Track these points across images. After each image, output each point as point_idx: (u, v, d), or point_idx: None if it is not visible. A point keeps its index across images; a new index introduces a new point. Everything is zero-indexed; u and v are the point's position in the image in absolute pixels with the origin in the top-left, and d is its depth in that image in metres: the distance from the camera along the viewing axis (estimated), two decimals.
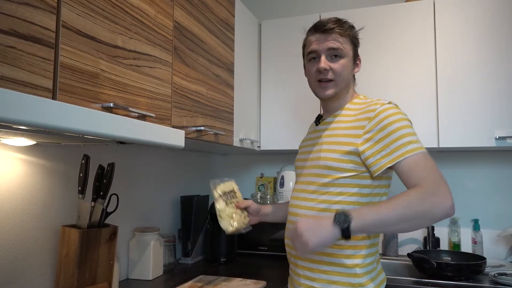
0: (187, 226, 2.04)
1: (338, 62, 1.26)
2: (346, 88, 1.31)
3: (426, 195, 1.03)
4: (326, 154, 1.23)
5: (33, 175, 1.30)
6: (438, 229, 2.20)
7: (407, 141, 1.12)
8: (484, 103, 1.89)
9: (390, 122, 1.15)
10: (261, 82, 2.30)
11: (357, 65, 1.34)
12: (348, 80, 1.30)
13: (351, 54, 1.29)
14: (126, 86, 1.15)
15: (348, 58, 1.28)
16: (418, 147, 1.12)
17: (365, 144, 1.17)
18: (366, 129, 1.18)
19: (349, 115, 1.26)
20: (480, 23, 1.92)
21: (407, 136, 1.13)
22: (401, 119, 1.16)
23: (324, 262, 1.19)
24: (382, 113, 1.17)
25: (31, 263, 1.28)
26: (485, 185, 2.17)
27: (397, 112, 1.18)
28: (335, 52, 1.26)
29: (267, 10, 2.67)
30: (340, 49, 1.26)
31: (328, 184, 1.21)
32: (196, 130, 1.55)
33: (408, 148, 1.11)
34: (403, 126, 1.15)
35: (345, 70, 1.27)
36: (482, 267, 1.72)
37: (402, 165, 1.11)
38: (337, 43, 1.26)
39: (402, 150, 1.11)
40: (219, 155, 2.70)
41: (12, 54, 0.80)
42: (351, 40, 1.29)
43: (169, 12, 1.38)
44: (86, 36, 1.01)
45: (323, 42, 1.26)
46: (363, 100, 1.29)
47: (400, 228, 1.06)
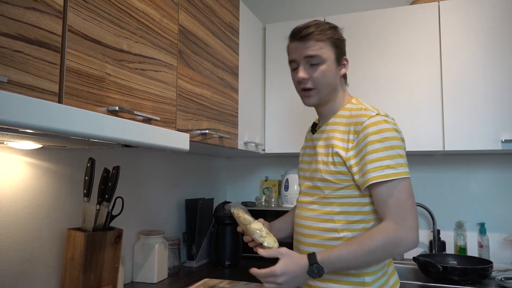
0: (191, 229, 2.04)
1: (317, 70, 1.22)
2: (333, 93, 1.27)
3: (390, 236, 1.09)
4: (322, 166, 1.22)
5: (39, 178, 1.30)
6: (444, 233, 2.18)
7: (379, 166, 1.11)
8: (489, 105, 1.88)
9: (371, 141, 1.13)
10: (265, 85, 2.30)
11: (343, 66, 1.27)
12: (333, 85, 1.25)
13: (333, 57, 1.23)
14: (132, 90, 1.16)
15: (329, 63, 1.22)
16: (388, 173, 1.10)
17: (351, 160, 1.16)
18: (353, 144, 1.17)
19: (340, 124, 1.24)
20: (485, 26, 1.92)
21: (382, 159, 1.11)
22: (385, 138, 1.13)
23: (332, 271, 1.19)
24: (367, 129, 1.14)
25: (37, 266, 1.29)
26: (491, 189, 2.16)
27: (382, 129, 1.14)
28: (313, 60, 1.21)
29: (272, 14, 2.67)
30: (317, 56, 1.21)
31: (329, 196, 1.21)
32: (201, 133, 1.55)
33: (379, 173, 1.10)
34: (383, 148, 1.12)
35: (326, 76, 1.22)
36: (488, 271, 1.71)
37: (372, 190, 1.14)
38: (314, 50, 1.21)
39: (373, 174, 1.11)
40: (224, 158, 2.70)
41: (19, 58, 0.81)
42: (332, 42, 1.23)
43: (174, 16, 1.39)
44: (92, 40, 1.01)
45: (300, 50, 1.23)
46: (355, 106, 1.25)
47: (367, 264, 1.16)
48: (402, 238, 1.09)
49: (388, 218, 1.11)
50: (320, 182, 1.22)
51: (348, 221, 1.18)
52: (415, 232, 1.10)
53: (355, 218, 1.18)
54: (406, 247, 1.10)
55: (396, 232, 1.09)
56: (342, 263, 1.12)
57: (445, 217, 2.21)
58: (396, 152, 1.13)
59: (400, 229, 1.09)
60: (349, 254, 1.11)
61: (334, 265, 1.11)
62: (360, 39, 2.12)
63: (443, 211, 2.22)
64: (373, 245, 1.09)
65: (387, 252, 1.11)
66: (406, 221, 1.09)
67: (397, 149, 1.13)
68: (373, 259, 1.13)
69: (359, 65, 2.10)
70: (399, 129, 1.19)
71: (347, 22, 2.15)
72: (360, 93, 1.92)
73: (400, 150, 1.14)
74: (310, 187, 1.27)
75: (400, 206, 1.10)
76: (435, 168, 2.26)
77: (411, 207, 1.11)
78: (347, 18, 2.16)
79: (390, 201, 1.11)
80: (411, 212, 1.11)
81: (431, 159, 2.27)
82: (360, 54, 2.11)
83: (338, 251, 1.12)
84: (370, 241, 1.10)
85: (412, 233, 1.09)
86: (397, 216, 1.10)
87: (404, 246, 1.10)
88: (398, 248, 1.10)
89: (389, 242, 1.09)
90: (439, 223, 2.20)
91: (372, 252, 1.10)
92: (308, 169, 1.30)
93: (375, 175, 1.11)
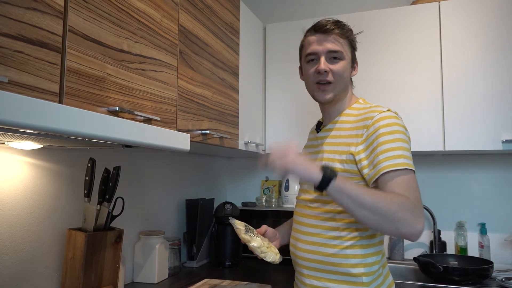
0: (192, 229, 2.04)
1: (337, 64, 1.23)
2: (344, 92, 1.28)
3: (406, 207, 1.02)
4: (327, 163, 1.20)
5: (39, 179, 1.31)
6: (445, 233, 2.18)
7: (392, 155, 1.09)
8: (490, 106, 1.87)
9: (382, 133, 1.13)
10: (266, 85, 2.31)
11: (354, 68, 1.31)
12: (346, 83, 1.28)
13: (350, 56, 1.27)
14: (132, 90, 1.16)
15: (347, 61, 1.25)
16: (401, 162, 1.09)
17: (361, 154, 1.15)
18: (363, 138, 1.16)
19: (348, 122, 1.24)
20: (486, 26, 1.92)
21: (394, 149, 1.10)
22: (396, 131, 1.13)
23: (330, 271, 1.18)
24: (377, 123, 1.15)
25: (38, 266, 1.29)
26: (492, 189, 2.16)
27: (392, 123, 1.15)
28: (335, 54, 1.23)
29: (272, 14, 2.67)
30: (340, 51, 1.24)
31: None
32: (201, 133, 1.55)
33: (392, 162, 1.09)
34: (393, 139, 1.12)
35: (345, 73, 1.25)
36: (489, 271, 1.71)
37: (384, 179, 1.09)
38: (338, 45, 1.24)
39: (385, 163, 1.09)
40: (224, 159, 2.70)
41: (20, 58, 0.81)
42: (350, 43, 1.28)
43: (175, 16, 1.39)
44: (93, 41, 1.01)
45: (323, 43, 1.24)
46: (362, 105, 1.27)
47: (366, 217, 1.04)
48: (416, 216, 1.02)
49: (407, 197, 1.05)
50: None
51: (350, 220, 1.17)
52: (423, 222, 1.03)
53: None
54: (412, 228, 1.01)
55: (413, 206, 1.03)
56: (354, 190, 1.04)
57: (446, 217, 2.21)
58: (405, 146, 1.13)
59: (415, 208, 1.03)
60: (368, 188, 1.09)
61: (346, 184, 1.04)
62: (360, 39, 2.09)
63: (443, 211, 2.22)
64: (395, 197, 1.03)
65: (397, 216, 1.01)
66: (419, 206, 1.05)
67: (406, 143, 1.14)
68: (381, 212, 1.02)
69: (360, 66, 2.06)
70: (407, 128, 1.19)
71: (347, 22, 2.14)
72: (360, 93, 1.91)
73: (408, 145, 1.15)
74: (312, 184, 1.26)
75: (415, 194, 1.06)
76: (436, 168, 2.26)
77: (419, 198, 1.08)
78: (347, 18, 2.13)
79: (405, 189, 1.06)
80: (421, 203, 1.07)
81: (432, 159, 2.27)
82: (361, 54, 2.08)
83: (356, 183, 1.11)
84: (392, 194, 1.05)
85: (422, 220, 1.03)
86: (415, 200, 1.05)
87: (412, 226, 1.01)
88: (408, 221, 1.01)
89: (406, 208, 1.02)
90: (439, 223, 2.19)
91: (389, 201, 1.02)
92: None
93: (388, 164, 1.09)
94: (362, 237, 1.17)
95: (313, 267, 1.21)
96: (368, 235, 1.18)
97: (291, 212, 1.69)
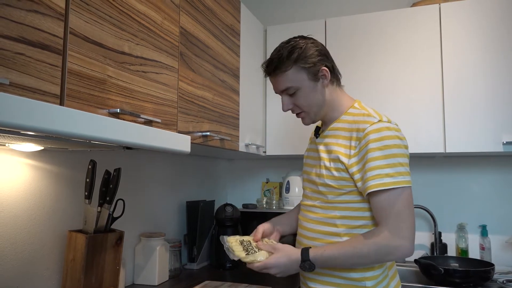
0: (192, 231, 2.04)
1: (296, 96, 1.26)
2: (324, 107, 1.27)
3: (381, 249, 1.11)
4: (325, 172, 1.22)
5: (40, 180, 1.31)
6: (446, 235, 2.18)
7: (379, 174, 1.10)
8: (491, 107, 1.87)
9: (372, 149, 1.13)
10: (266, 87, 2.31)
11: (323, 77, 1.24)
12: (318, 102, 1.26)
13: (305, 77, 1.23)
14: (133, 92, 1.16)
15: (304, 86, 1.23)
16: (387, 182, 1.10)
17: (354, 167, 1.16)
18: (356, 151, 1.17)
19: (343, 129, 1.23)
20: (486, 28, 1.92)
21: (382, 168, 1.11)
22: (385, 146, 1.12)
23: (333, 275, 1.19)
24: (369, 136, 1.14)
25: (38, 268, 1.29)
26: (492, 191, 2.16)
27: (383, 136, 1.13)
28: (288, 91, 1.26)
29: (273, 16, 2.68)
30: (289, 87, 1.24)
31: (331, 201, 1.21)
32: (202, 135, 1.55)
33: (378, 181, 1.10)
34: (383, 156, 1.11)
35: (308, 98, 1.25)
36: (490, 273, 1.70)
37: (371, 198, 1.14)
38: (284, 82, 1.24)
39: (372, 182, 1.11)
40: (225, 160, 2.70)
41: (21, 60, 0.81)
42: (298, 65, 1.22)
43: (176, 18, 1.39)
44: (94, 43, 1.02)
45: (275, 86, 1.29)
46: (357, 111, 1.24)
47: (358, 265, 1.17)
48: (396, 246, 1.10)
49: (383, 226, 1.11)
50: (323, 187, 1.22)
51: (350, 226, 1.18)
52: (409, 242, 1.10)
53: (357, 223, 1.18)
54: (398, 256, 1.12)
55: (389, 241, 1.10)
56: (333, 262, 1.16)
57: (447, 219, 2.21)
58: (397, 160, 1.12)
59: (394, 238, 1.10)
60: (340, 255, 1.14)
61: (325, 263, 1.16)
62: (361, 41, 2.12)
63: (444, 213, 2.21)
64: (365, 250, 1.12)
65: (379, 257, 1.13)
66: (401, 230, 1.10)
67: (398, 157, 1.12)
68: (365, 263, 1.15)
69: (360, 67, 2.10)
70: (403, 135, 1.17)
71: (347, 24, 2.15)
72: (361, 95, 1.92)
73: (402, 158, 1.13)
74: (313, 191, 1.28)
75: (397, 215, 1.10)
76: (437, 170, 2.26)
77: (408, 216, 1.11)
78: (347, 20, 2.16)
79: (387, 210, 1.11)
80: (407, 221, 1.11)
81: (433, 161, 2.27)
82: (361, 56, 2.11)
83: (331, 250, 1.15)
84: (362, 246, 1.12)
85: (406, 243, 1.10)
86: (393, 224, 1.10)
87: (396, 255, 1.11)
88: (390, 255, 1.12)
89: (382, 249, 1.11)
90: (440, 225, 2.19)
91: (363, 257, 1.12)
92: (311, 173, 1.30)
93: (374, 183, 1.11)
94: None
95: (316, 272, 1.21)
96: None
97: None
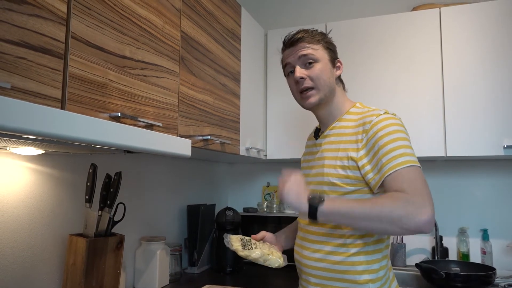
0: (193, 235, 2.03)
1: (313, 68, 1.25)
2: (331, 94, 1.27)
3: (401, 201, 1.01)
4: (329, 170, 1.20)
5: (41, 184, 1.31)
6: (447, 239, 2.17)
7: (393, 156, 1.09)
8: (491, 111, 1.87)
9: (381, 136, 1.13)
10: (267, 91, 2.31)
11: (338, 68, 1.30)
12: (331, 84, 1.26)
13: (327, 57, 1.27)
14: (134, 96, 1.16)
15: (323, 62, 1.25)
16: (402, 161, 1.08)
17: (363, 159, 1.15)
18: (363, 143, 1.16)
19: (348, 127, 1.23)
20: (487, 32, 1.92)
21: (395, 149, 1.10)
22: (394, 131, 1.13)
23: (337, 279, 1.17)
24: (376, 126, 1.15)
25: (39, 272, 1.29)
26: (494, 195, 2.15)
27: (390, 123, 1.14)
28: (308, 59, 1.25)
29: (273, 20, 2.69)
30: (311, 55, 1.25)
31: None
32: (203, 139, 1.55)
33: (394, 162, 1.08)
34: (393, 140, 1.11)
35: (324, 74, 1.24)
36: (491, 278, 1.70)
37: (387, 180, 1.09)
38: (307, 49, 1.25)
39: (388, 165, 1.09)
40: (226, 164, 2.70)
41: (23, 65, 0.82)
42: (323, 44, 1.28)
43: (176, 22, 1.40)
44: (95, 47, 1.02)
45: (294, 53, 1.27)
46: (360, 110, 1.26)
47: (366, 226, 1.06)
48: (421, 206, 0.99)
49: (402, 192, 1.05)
50: (327, 186, 1.21)
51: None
52: (432, 209, 0.99)
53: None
54: (421, 219, 0.98)
55: (409, 196, 1.01)
56: (344, 207, 1.06)
57: (448, 223, 2.20)
58: (406, 143, 1.13)
59: (414, 197, 1.01)
60: (357, 200, 1.09)
61: (335, 204, 1.07)
62: (361, 45, 2.12)
63: (445, 217, 2.21)
64: (387, 203, 1.02)
65: (395, 214, 1.00)
66: (422, 195, 1.02)
67: (406, 141, 1.13)
68: (381, 221, 1.01)
69: (361, 71, 2.11)
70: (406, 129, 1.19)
71: (348, 29, 2.16)
72: (361, 99, 1.92)
73: (408, 142, 1.14)
74: (315, 191, 1.26)
75: (417, 189, 1.04)
76: (437, 174, 2.26)
77: (427, 192, 1.04)
78: (348, 24, 2.17)
79: (405, 183, 1.05)
80: (428, 196, 1.03)
81: (433, 165, 2.26)
82: (362, 60, 2.12)
83: (346, 199, 1.13)
84: (385, 200, 1.04)
85: (427, 207, 0.99)
86: (414, 190, 1.03)
87: (414, 216, 0.98)
88: (407, 216, 0.99)
89: (400, 201, 1.01)
90: (441, 229, 2.19)
91: (384, 212, 1.01)
92: (310, 174, 1.29)
93: (391, 166, 1.08)
94: (367, 243, 1.17)
95: (319, 275, 1.20)
96: (373, 241, 1.17)
97: (292, 218, 1.69)
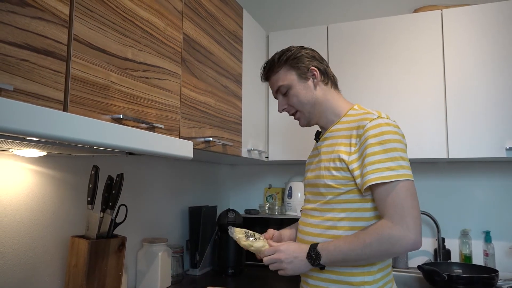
0: (195, 237, 2.04)
1: (288, 95, 1.33)
2: (316, 106, 1.31)
3: (385, 237, 1.08)
4: (325, 172, 1.23)
5: (43, 186, 1.31)
6: (449, 241, 2.17)
7: (378, 168, 1.11)
8: (494, 113, 1.87)
9: (370, 144, 1.13)
10: (269, 93, 2.31)
11: (313, 76, 1.31)
12: (310, 100, 1.31)
13: (295, 77, 1.31)
14: (136, 98, 1.16)
15: (293, 84, 1.31)
16: (388, 175, 1.10)
17: (354, 163, 1.16)
18: (357, 147, 1.17)
19: (343, 129, 1.25)
20: (489, 33, 1.92)
21: (380, 162, 1.11)
22: (384, 141, 1.13)
23: (334, 280, 1.18)
24: (367, 132, 1.15)
25: (41, 273, 1.29)
26: (496, 196, 2.15)
27: (383, 131, 1.14)
28: (281, 91, 1.34)
29: (275, 22, 2.69)
30: (281, 86, 1.33)
31: (331, 201, 1.21)
32: (205, 141, 1.55)
33: (377, 175, 1.10)
34: (381, 151, 1.12)
35: (299, 96, 1.31)
36: (494, 280, 1.69)
37: (373, 192, 1.14)
38: (277, 82, 1.34)
39: (369, 176, 1.11)
40: (227, 166, 2.70)
41: (25, 67, 0.82)
42: (287, 66, 1.32)
43: (178, 24, 1.40)
44: (97, 49, 1.02)
45: (271, 87, 1.39)
46: (356, 112, 1.27)
47: (364, 260, 1.14)
48: (398, 237, 1.06)
49: (387, 217, 1.10)
50: (323, 188, 1.23)
51: (350, 227, 1.17)
52: (414, 232, 1.06)
53: (357, 224, 1.17)
54: (402, 247, 1.07)
55: (391, 230, 1.07)
56: (339, 254, 1.13)
57: (450, 225, 2.20)
58: (398, 154, 1.12)
59: (396, 228, 1.07)
60: (345, 244, 1.13)
61: (331, 254, 1.13)
62: (363, 47, 2.13)
63: (447, 219, 2.20)
64: (367, 239, 1.10)
65: (383, 248, 1.08)
66: (404, 220, 1.07)
67: (398, 151, 1.13)
68: (369, 254, 1.10)
69: (362, 73, 2.11)
70: (401, 132, 1.18)
71: (349, 31, 2.16)
72: (363, 101, 1.92)
73: (402, 152, 1.14)
74: (313, 193, 1.28)
75: (398, 205, 1.08)
76: (439, 176, 2.25)
77: (412, 208, 1.08)
78: (349, 26, 2.17)
79: (388, 201, 1.10)
80: (411, 212, 1.08)
81: (435, 167, 2.26)
82: (363, 62, 2.12)
83: (337, 242, 1.15)
84: (365, 235, 1.11)
85: (410, 234, 1.06)
86: (395, 215, 1.08)
87: (400, 246, 1.07)
88: (394, 246, 1.07)
89: (384, 239, 1.08)
90: (443, 231, 2.18)
91: (366, 246, 1.09)
92: (311, 177, 1.31)
93: (373, 177, 1.11)
94: None
95: (316, 276, 1.21)
96: None
97: (294, 219, 1.69)
